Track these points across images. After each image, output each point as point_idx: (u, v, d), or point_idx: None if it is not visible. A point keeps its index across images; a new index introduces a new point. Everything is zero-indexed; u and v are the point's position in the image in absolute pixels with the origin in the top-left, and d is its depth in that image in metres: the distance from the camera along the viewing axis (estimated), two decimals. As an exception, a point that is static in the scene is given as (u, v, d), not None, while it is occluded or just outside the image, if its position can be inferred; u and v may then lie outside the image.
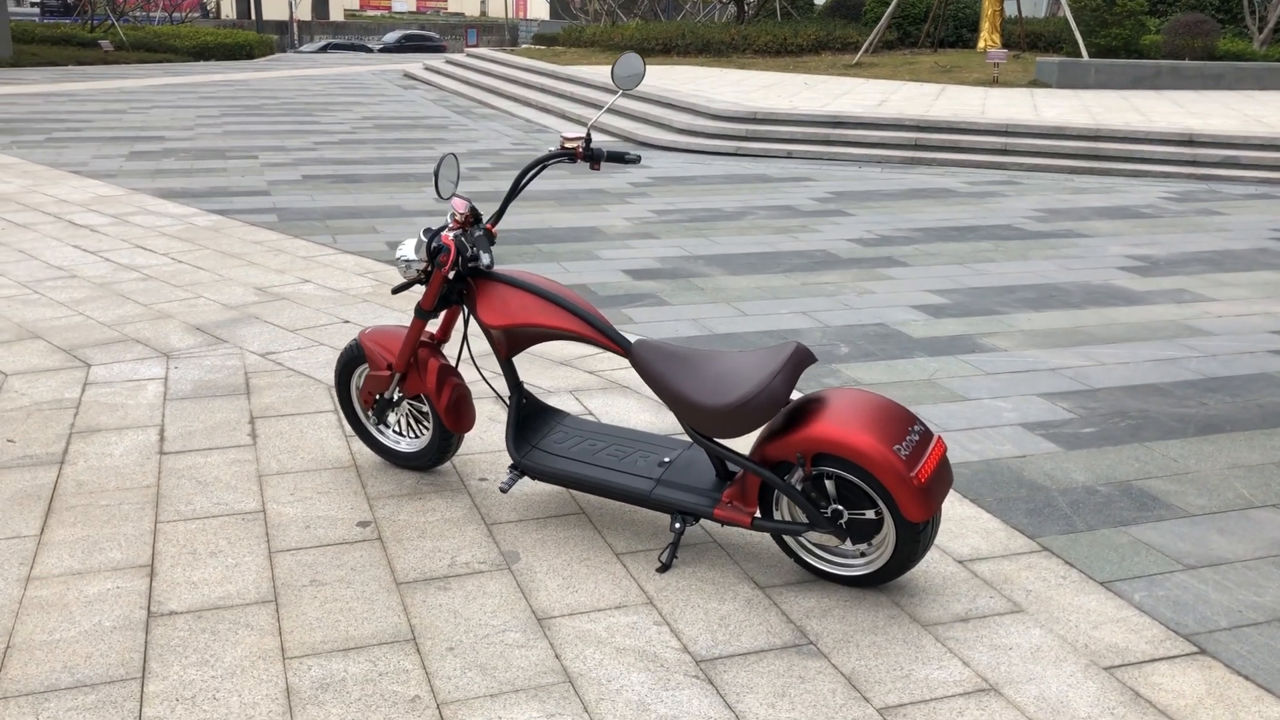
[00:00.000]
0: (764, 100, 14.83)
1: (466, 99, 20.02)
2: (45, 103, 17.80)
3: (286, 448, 4.28)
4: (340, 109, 17.82)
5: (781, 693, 2.83)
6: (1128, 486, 4.11)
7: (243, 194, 9.80)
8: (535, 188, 10.48)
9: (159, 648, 2.96)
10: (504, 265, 7.28)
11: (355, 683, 2.83)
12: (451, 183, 3.49)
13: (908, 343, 5.82)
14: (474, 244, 3.53)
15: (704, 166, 12.15)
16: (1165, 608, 3.28)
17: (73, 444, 4.28)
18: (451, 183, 3.49)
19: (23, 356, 5.28)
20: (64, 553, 3.45)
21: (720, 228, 8.76)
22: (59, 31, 30.73)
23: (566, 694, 2.80)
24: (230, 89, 21.36)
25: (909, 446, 3.10)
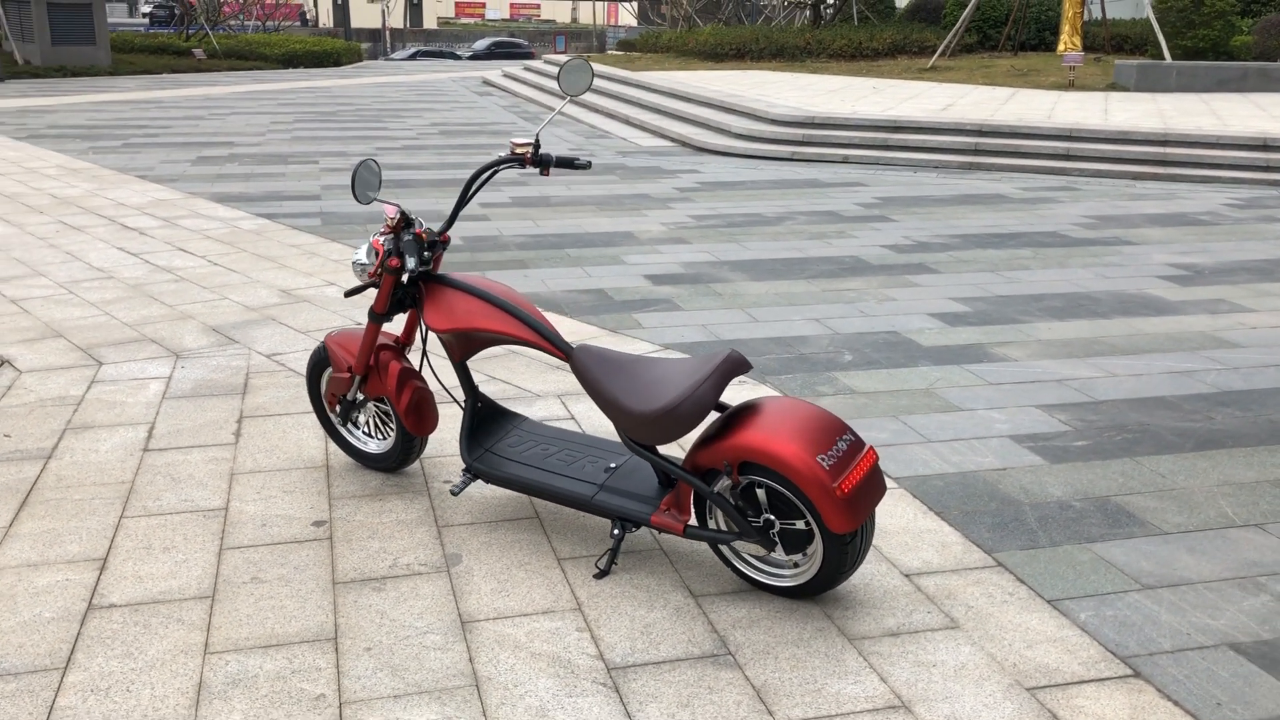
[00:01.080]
0: (826, 105, 14.70)
1: (538, 105, 20.21)
2: (131, 109, 18.42)
3: (265, 447, 4.37)
4: (411, 115, 18.12)
5: (685, 703, 2.81)
6: (1105, 502, 3.99)
7: (294, 198, 10.03)
8: (579, 193, 10.53)
9: (89, 639, 3.04)
10: (538, 270, 7.34)
11: (266, 679, 2.88)
12: (372, 188, 3.52)
13: (915, 351, 5.72)
14: (403, 248, 3.57)
15: (756, 172, 12.09)
16: (1109, 628, 3.18)
17: (64, 440, 4.42)
18: (372, 188, 3.52)
19: (41, 354, 5.47)
20: (26, 544, 3.57)
21: (755, 233, 8.71)
22: (156, 41, 31.80)
23: (469, 697, 2.81)
24: (309, 96, 21.87)
25: (834, 456, 3.05)
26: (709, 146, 13.88)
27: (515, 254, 7.85)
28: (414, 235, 3.58)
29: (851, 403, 4.94)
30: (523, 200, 10.10)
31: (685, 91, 16.99)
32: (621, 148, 14.09)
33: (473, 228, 8.79)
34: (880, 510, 3.88)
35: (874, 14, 27.72)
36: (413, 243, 3.57)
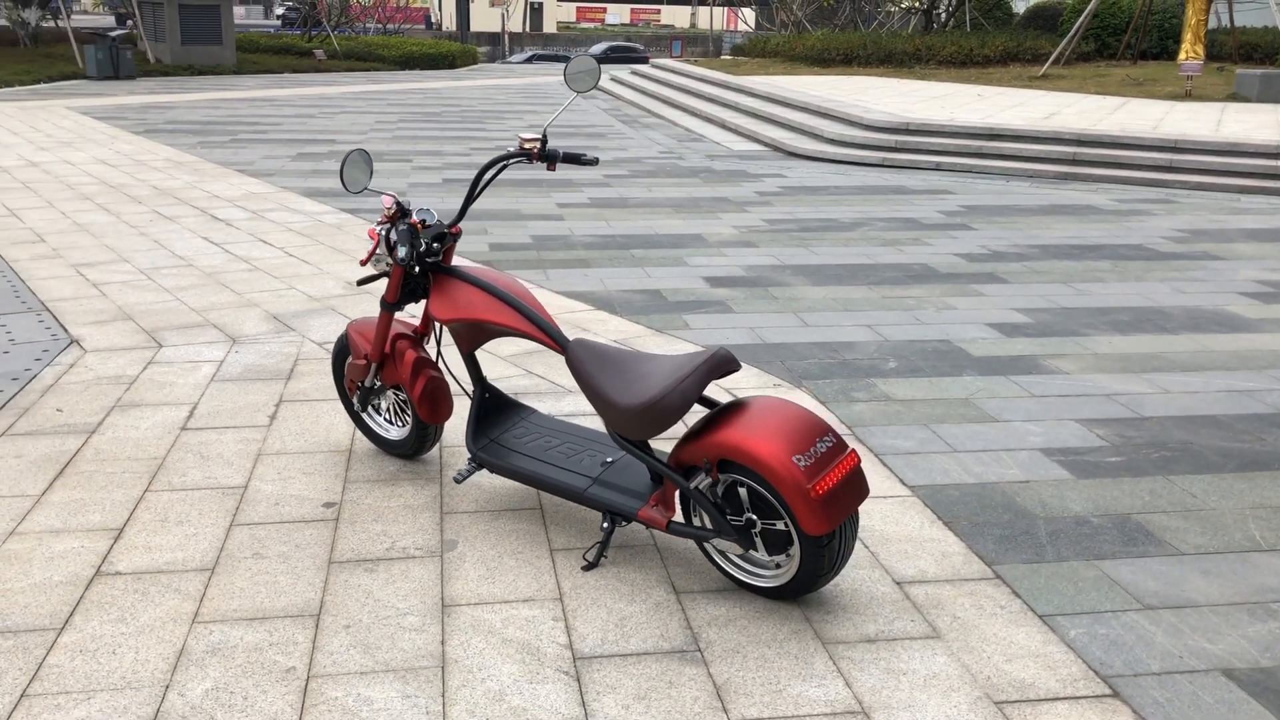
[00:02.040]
0: (924, 111, 14.48)
1: (638, 108, 20.32)
2: (247, 107, 19.10)
3: (296, 431, 4.51)
4: (513, 117, 18.40)
5: (642, 695, 2.82)
6: (1125, 520, 3.87)
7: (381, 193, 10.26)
8: (658, 195, 10.58)
9: (89, 603, 3.19)
10: (576, 267, 7.41)
11: (244, 650, 2.98)
12: (362, 178, 3.60)
13: (963, 361, 5.61)
14: (397, 238, 3.65)
15: (843, 177, 11.97)
16: (1098, 646, 3.08)
17: (110, 416, 4.63)
18: (362, 178, 3.60)
19: (108, 335, 5.73)
20: (53, 512, 3.75)
21: (826, 238, 8.64)
22: (281, 41, 32.89)
23: (432, 678, 2.87)
24: (418, 97, 22.38)
25: (812, 457, 3.03)
26: (800, 151, 13.79)
27: (580, 253, 7.92)
28: (408, 225, 3.66)
29: (884, 410, 4.88)
30: (600, 201, 10.19)
31: (782, 96, 16.91)
32: (712, 151, 14.09)
33: (545, 227, 8.90)
34: (885, 517, 3.83)
35: (989, 21, 27.15)
36: (406, 232, 3.65)
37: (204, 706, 2.73)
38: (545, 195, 10.46)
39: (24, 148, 13.10)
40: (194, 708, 2.73)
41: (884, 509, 3.90)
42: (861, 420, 4.76)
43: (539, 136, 3.63)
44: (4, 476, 4.01)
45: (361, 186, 3.63)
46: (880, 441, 4.53)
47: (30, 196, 9.77)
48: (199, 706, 2.73)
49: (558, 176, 11.65)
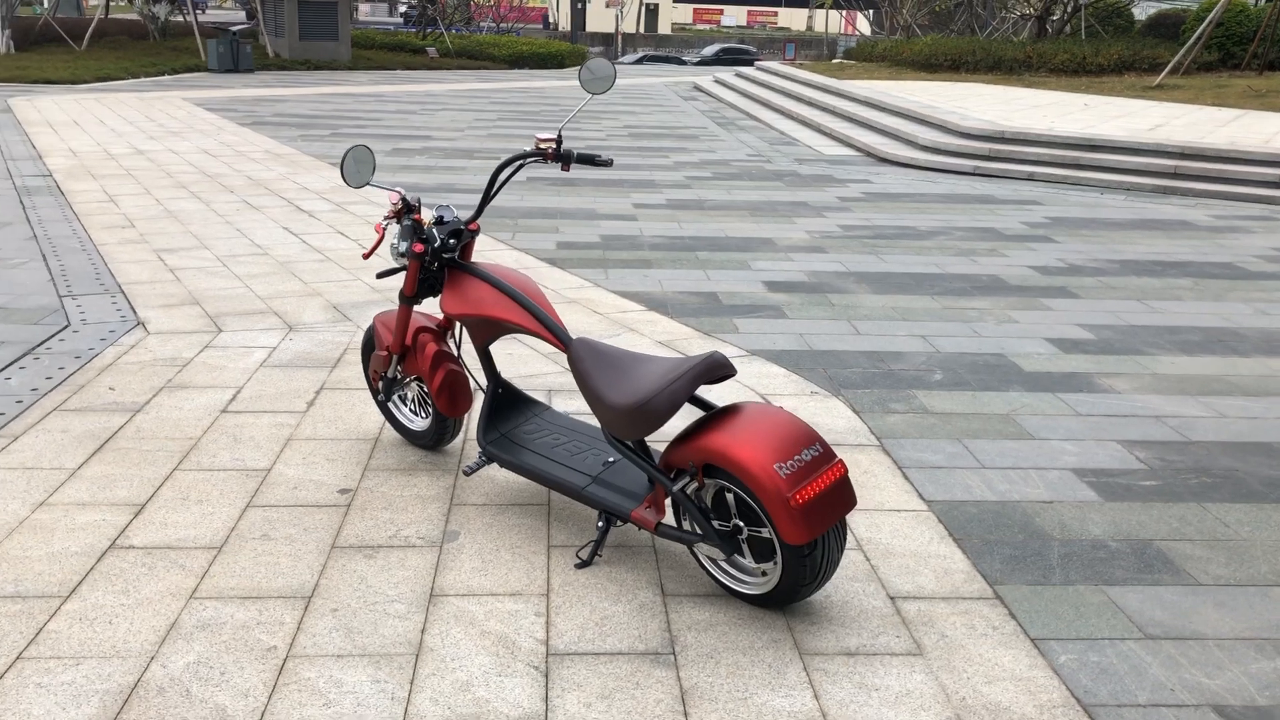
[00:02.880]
0: (1023, 120, 14.15)
1: (736, 110, 20.28)
2: (352, 102, 19.60)
3: (330, 418, 4.64)
4: (609, 118, 18.52)
5: (606, 694, 2.84)
6: (1145, 546, 3.75)
7: (463, 191, 10.46)
8: (737, 198, 10.55)
9: (98, 575, 3.33)
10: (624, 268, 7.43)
11: (232, 627, 3.08)
12: (365, 172, 3.66)
13: (1013, 375, 5.49)
14: (400, 233, 3.71)
15: (930, 184, 11.78)
16: (1086, 674, 3.00)
17: (158, 396, 4.82)
18: (365, 172, 3.66)
19: (173, 319, 5.96)
20: (84, 485, 3.92)
21: (899, 246, 8.52)
22: (396, 39, 33.64)
23: (405, 665, 2.93)
24: (521, 95, 22.67)
25: (796, 465, 3.00)
26: (892, 157, 13.61)
27: (645, 254, 7.95)
28: (412, 220, 3.73)
29: (918, 422, 4.80)
30: (677, 202, 10.21)
31: (880, 101, 16.70)
32: (802, 155, 13.99)
33: (616, 226, 8.95)
34: (894, 530, 3.77)
35: (1108, 28, 26.36)
36: (409, 228, 3.72)
37: (182, 679, 2.83)
38: (624, 195, 10.52)
39: (135, 136, 13.65)
40: (173, 679, 2.83)
41: (894, 522, 3.85)
42: (893, 432, 4.69)
43: (554, 137, 3.67)
44: (46, 449, 4.20)
45: (363, 181, 3.71)
46: (907, 454, 4.46)
47: (130, 183, 10.19)
48: (177, 678, 2.83)
49: (641, 177, 11.70)
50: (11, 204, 9.09)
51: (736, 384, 5.20)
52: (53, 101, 17.88)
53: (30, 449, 4.21)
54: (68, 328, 5.75)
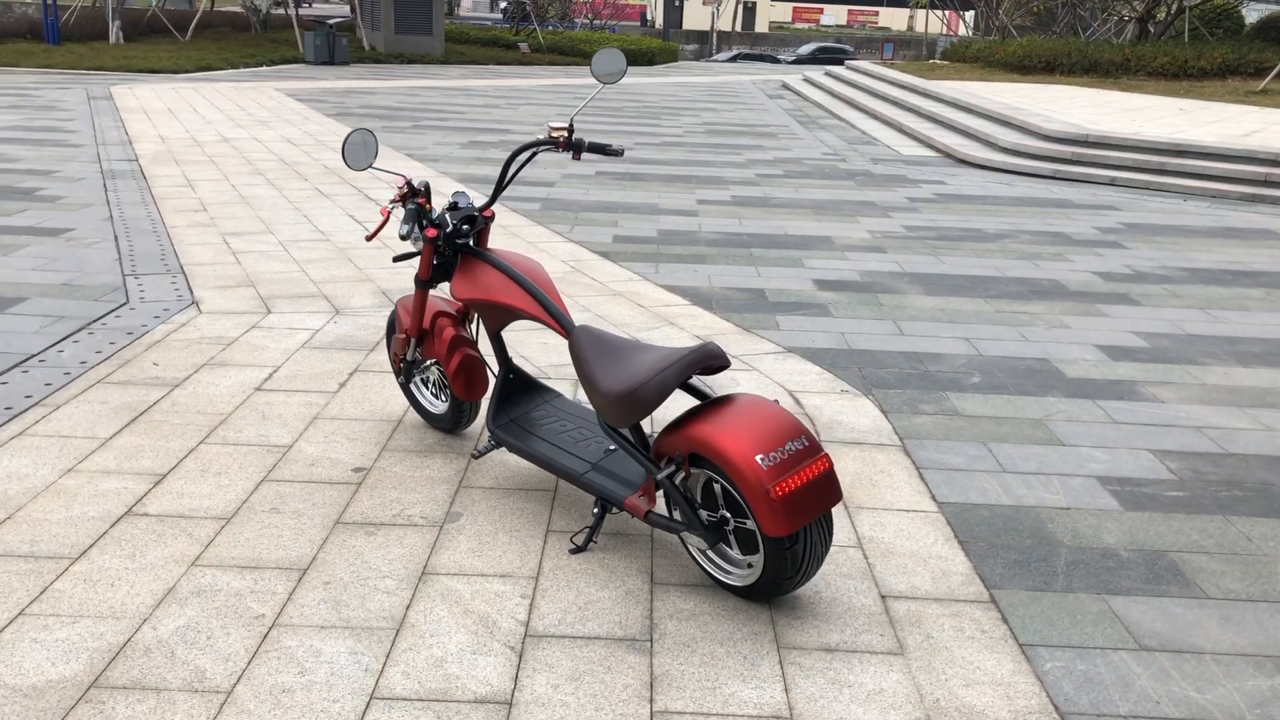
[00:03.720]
0: (1111, 124, 13.80)
1: (820, 109, 20.12)
2: (440, 95, 19.90)
3: (358, 399, 4.74)
4: (689, 114, 18.53)
5: (575, 677, 2.86)
6: (1159, 557, 3.65)
7: (530, 184, 10.57)
8: (804, 196, 10.48)
9: (109, 539, 3.46)
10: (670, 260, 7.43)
11: (225, 595, 3.18)
12: (367, 155, 3.73)
13: (1053, 381, 5.38)
14: (405, 216, 3.77)
15: (1006, 188, 11.57)
16: (1069, 682, 2.94)
17: (198, 373, 4.97)
18: (367, 155, 3.73)
19: (226, 299, 6.14)
20: (112, 454, 4.07)
21: (962, 248, 8.38)
22: (490, 34, 34.07)
23: (384, 639, 3.00)
24: (606, 91, 22.78)
25: (779, 457, 3.00)
26: (971, 159, 13.39)
27: (700, 249, 7.95)
28: (416, 205, 3.79)
29: (946, 424, 4.74)
30: (742, 199, 10.18)
31: (966, 102, 16.43)
32: (879, 155, 13.84)
33: (676, 221, 8.96)
34: (898, 530, 3.73)
35: (1215, 30, 25.53)
36: (413, 211, 3.78)
37: (169, 641, 2.93)
38: (690, 192, 10.53)
39: (223, 125, 14.05)
40: (161, 641, 2.93)
41: (900, 522, 3.80)
42: (918, 433, 4.63)
43: (566, 126, 3.70)
44: (83, 419, 4.37)
45: (365, 165, 3.78)
46: (927, 455, 4.40)
47: (210, 169, 10.50)
48: (165, 640, 2.93)
49: (710, 174, 11.69)
50: (96, 187, 9.44)
51: (763, 379, 5.18)
52: (151, 90, 18.49)
53: (68, 418, 4.37)
54: (125, 305, 5.96)
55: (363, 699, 2.73)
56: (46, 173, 10.05)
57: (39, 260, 6.85)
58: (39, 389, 4.67)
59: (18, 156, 10.97)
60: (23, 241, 7.34)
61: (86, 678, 2.76)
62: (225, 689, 2.74)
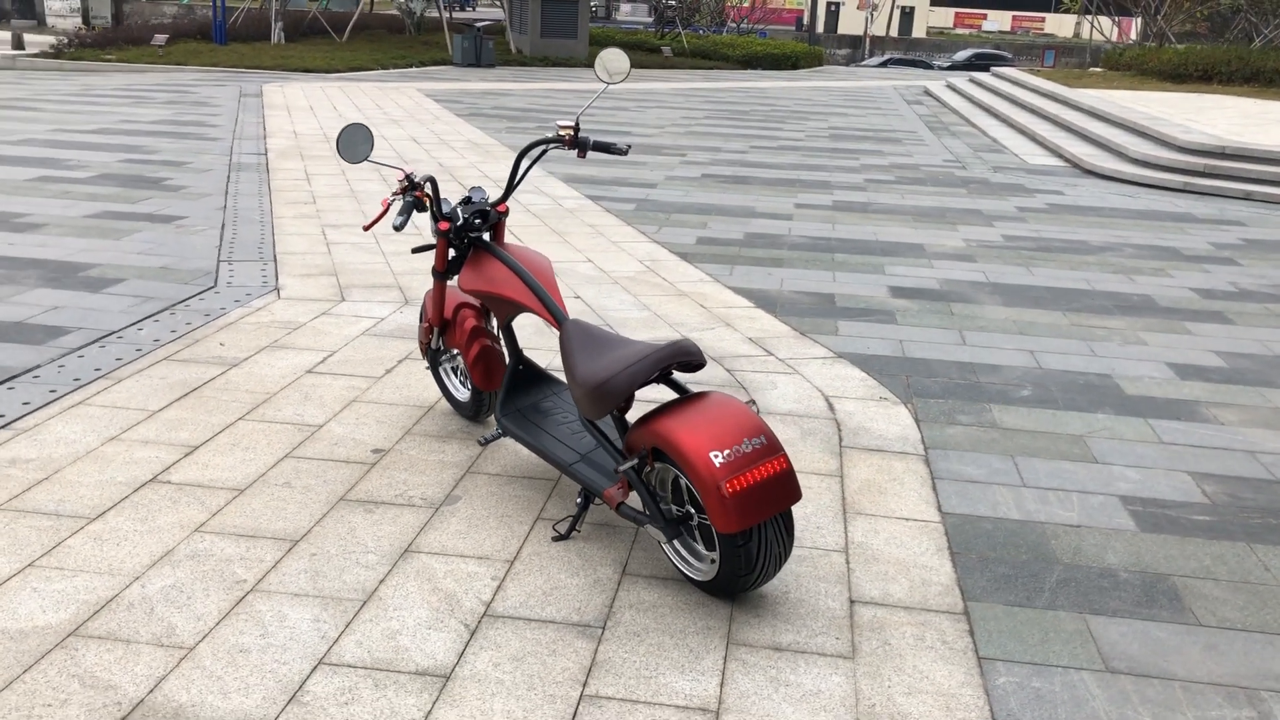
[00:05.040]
0: (1255, 135, 13.16)
1: (955, 115, 19.71)
2: (574, 98, 20.25)
3: (398, 385, 4.93)
4: (817, 119, 18.40)
5: (518, 657, 2.96)
6: (1159, 580, 3.53)
7: (633, 185, 10.71)
8: (909, 203, 10.33)
9: (130, 503, 3.72)
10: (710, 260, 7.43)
11: (217, 560, 3.38)
12: (363, 149, 3.85)
13: (1109, 397, 5.22)
14: (400, 208, 3.91)
15: (1128, 199, 11.16)
16: (1018, 699, 2.89)
17: (258, 355, 5.25)
18: (363, 149, 3.85)
19: (306, 287, 6.44)
20: (155, 426, 4.35)
21: (1057, 260, 8.16)
22: (634, 37, 34.42)
23: (348, 610, 3.15)
24: (740, 95, 22.79)
25: (734, 455, 3.03)
26: (1098, 169, 12.95)
27: (781, 252, 7.95)
28: (413, 198, 3.93)
29: (978, 436, 4.66)
30: (843, 204, 10.10)
31: (1104, 111, 15.87)
32: (1002, 163, 13.51)
33: (766, 225, 8.96)
34: (890, 538, 3.71)
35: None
36: (410, 204, 3.91)
37: (152, 599, 3.14)
38: (791, 195, 10.50)
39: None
40: (145, 598, 3.14)
41: (895, 530, 3.77)
42: (945, 443, 4.57)
43: (572, 125, 3.80)
44: (138, 392, 4.68)
45: (361, 158, 3.93)
46: (948, 466, 4.34)
47: (331, 165, 10.96)
48: (148, 598, 3.14)
49: (819, 178, 11.62)
50: (220, 179, 9.97)
51: (803, 383, 5.17)
52: (300, 88, 19.35)
53: (127, 391, 4.68)
54: (212, 289, 6.31)
55: (311, 663, 2.88)
56: (179, 164, 10.66)
57: (146, 245, 7.30)
58: (109, 363, 5.01)
59: (158, 148, 11.67)
60: (138, 227, 7.83)
61: (69, 626, 2.98)
62: (189, 645, 2.93)
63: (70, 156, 10.90)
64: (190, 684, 2.76)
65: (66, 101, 15.95)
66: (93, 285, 6.26)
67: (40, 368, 4.91)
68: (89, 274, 6.50)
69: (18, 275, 6.42)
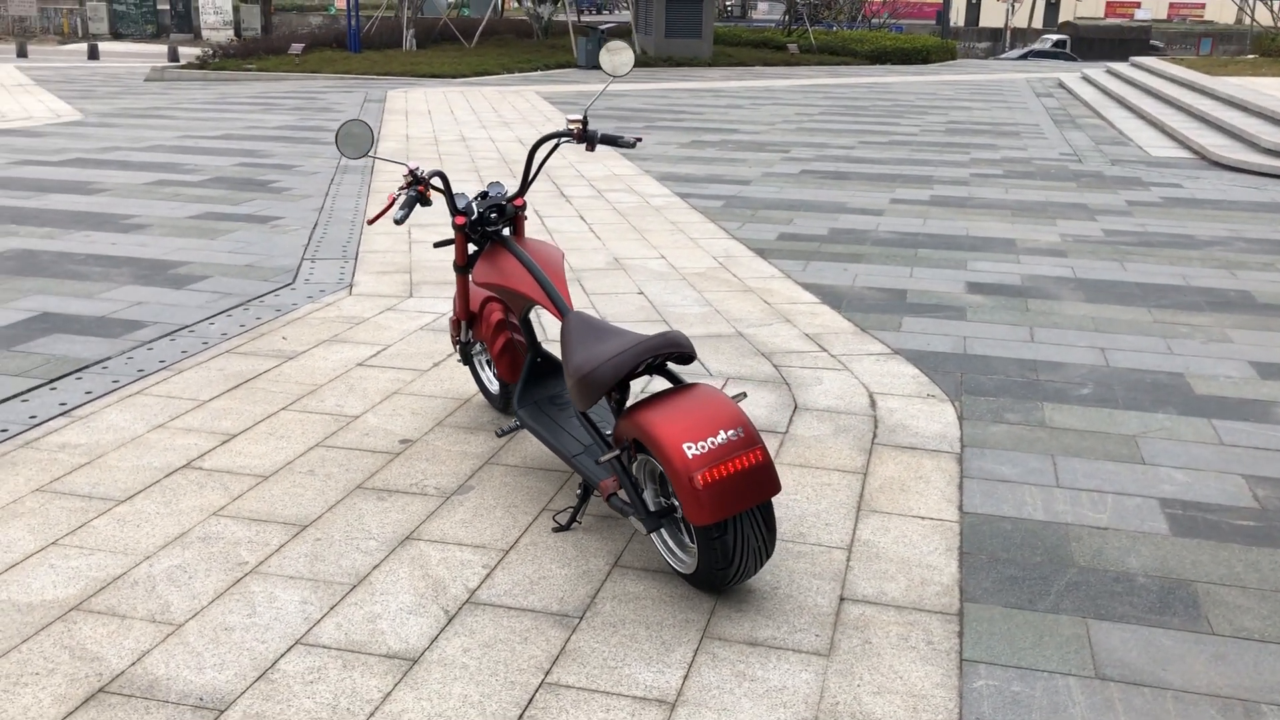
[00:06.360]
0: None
1: (1085, 108, 19.03)
2: (689, 97, 20.28)
3: (442, 378, 5.04)
4: (936, 113, 18.00)
5: (489, 644, 3.00)
6: (1180, 586, 3.37)
7: (726, 182, 10.68)
8: (1011, 198, 10.03)
9: (158, 487, 3.90)
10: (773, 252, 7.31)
11: (225, 542, 3.52)
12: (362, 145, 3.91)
13: (1174, 397, 4.98)
14: (403, 202, 3.96)
15: (1252, 191, 10.61)
16: (991, 702, 2.80)
17: (316, 348, 5.43)
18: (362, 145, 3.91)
19: (378, 284, 6.62)
20: (202, 414, 4.55)
21: (1157, 255, 7.81)
22: (761, 35, 34.25)
23: (338, 593, 3.23)
24: (863, 91, 22.45)
25: (708, 446, 3.01)
26: (1225, 160, 12.34)
27: (861, 248, 7.82)
28: (417, 192, 3.99)
29: (1021, 434, 4.51)
30: (939, 199, 9.87)
31: (1241, 99, 15.12)
32: (1123, 156, 12.99)
33: (854, 220, 8.83)
34: (900, 537, 3.62)
35: None
36: (413, 198, 3.97)
37: (156, 577, 3.28)
38: (888, 190, 10.31)
39: (469, 126, 14.94)
40: (150, 576, 3.29)
41: (907, 528, 3.69)
42: (985, 441, 4.43)
43: (580, 118, 3.82)
44: (195, 382, 4.89)
45: (361, 153, 4.01)
46: (981, 465, 4.21)
47: (430, 167, 11.22)
48: (153, 576, 3.29)
49: (921, 173, 11.37)
50: (324, 181, 10.33)
51: (849, 379, 5.09)
52: (423, 93, 19.87)
53: (184, 381, 4.90)
54: (289, 286, 6.55)
55: (287, 643, 2.97)
56: (289, 167, 11.08)
57: (238, 244, 7.61)
58: (175, 355, 5.25)
59: (271, 152, 12.14)
60: (234, 227, 8.17)
61: (73, 601, 3.14)
62: (178, 622, 3.05)
63: (189, 161, 11.43)
64: (170, 658, 2.88)
65: (200, 109, 16.73)
66: (178, 282, 6.56)
67: (110, 359, 5.17)
68: (177, 272, 6.81)
69: (112, 273, 6.77)
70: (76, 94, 19.31)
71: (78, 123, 14.91)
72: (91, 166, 11.05)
